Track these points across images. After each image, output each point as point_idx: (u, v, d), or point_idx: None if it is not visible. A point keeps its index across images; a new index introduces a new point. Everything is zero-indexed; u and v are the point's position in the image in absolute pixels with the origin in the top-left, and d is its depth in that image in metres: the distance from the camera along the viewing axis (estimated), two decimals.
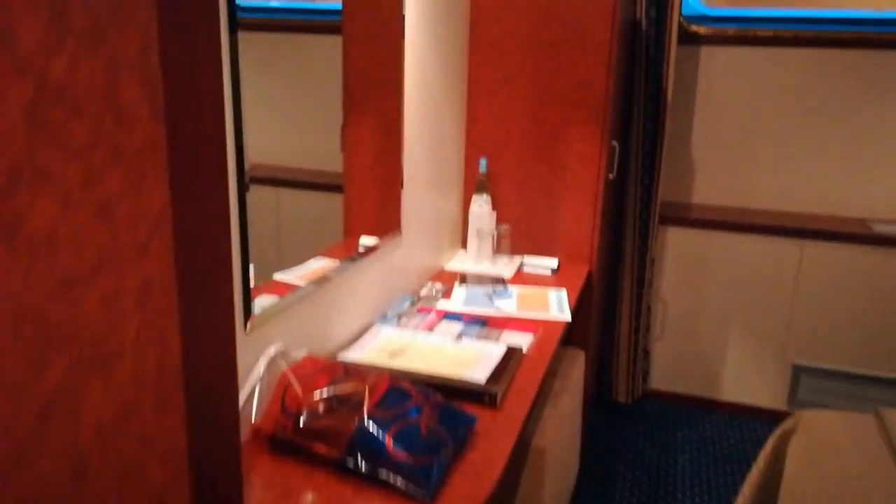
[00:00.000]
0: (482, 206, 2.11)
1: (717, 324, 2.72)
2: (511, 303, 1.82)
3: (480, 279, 1.97)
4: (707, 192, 2.85)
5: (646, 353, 2.75)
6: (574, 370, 2.00)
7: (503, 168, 2.18)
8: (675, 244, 2.70)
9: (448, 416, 1.14)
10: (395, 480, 1.02)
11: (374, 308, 1.68)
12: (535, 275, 2.09)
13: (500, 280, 1.97)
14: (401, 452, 1.02)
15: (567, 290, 1.94)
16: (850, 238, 2.51)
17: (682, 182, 2.86)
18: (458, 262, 2.16)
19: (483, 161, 2.13)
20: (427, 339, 1.52)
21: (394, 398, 1.12)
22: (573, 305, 1.88)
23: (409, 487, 1.01)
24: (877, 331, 2.55)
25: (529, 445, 1.58)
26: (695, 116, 2.79)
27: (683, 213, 2.72)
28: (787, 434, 1.78)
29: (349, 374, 1.18)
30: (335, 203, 1.50)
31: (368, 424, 1.05)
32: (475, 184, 2.15)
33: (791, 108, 2.70)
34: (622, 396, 2.73)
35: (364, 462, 1.04)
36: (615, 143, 2.16)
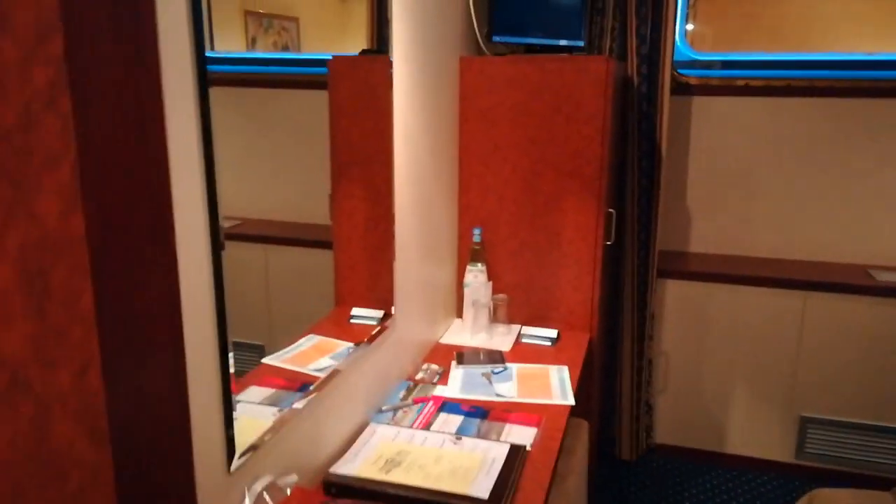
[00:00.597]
0: (477, 276, 2.05)
1: (721, 375, 2.66)
2: (511, 386, 1.75)
3: (478, 356, 1.91)
4: (705, 241, 2.80)
5: (649, 408, 2.69)
6: (578, 446, 1.94)
7: (498, 237, 2.12)
8: (675, 296, 2.64)
9: None
10: None
11: (368, 401, 1.61)
12: (535, 346, 2.02)
13: (499, 356, 1.90)
14: None
15: (569, 367, 1.88)
16: (853, 289, 2.46)
17: (679, 231, 2.81)
18: (454, 335, 2.10)
19: (477, 231, 2.07)
20: (425, 441, 1.45)
21: None
22: (576, 381, 1.82)
23: None
24: (883, 381, 2.49)
25: None
26: (690, 165, 2.74)
27: (681, 264, 2.66)
28: None
29: None
30: (327, 260, 1.44)
31: None
32: (469, 253, 2.09)
33: (786, 156, 2.66)
34: (626, 454, 2.66)
35: None
36: (611, 211, 2.10)
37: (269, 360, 1.32)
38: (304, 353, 1.44)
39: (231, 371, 1.08)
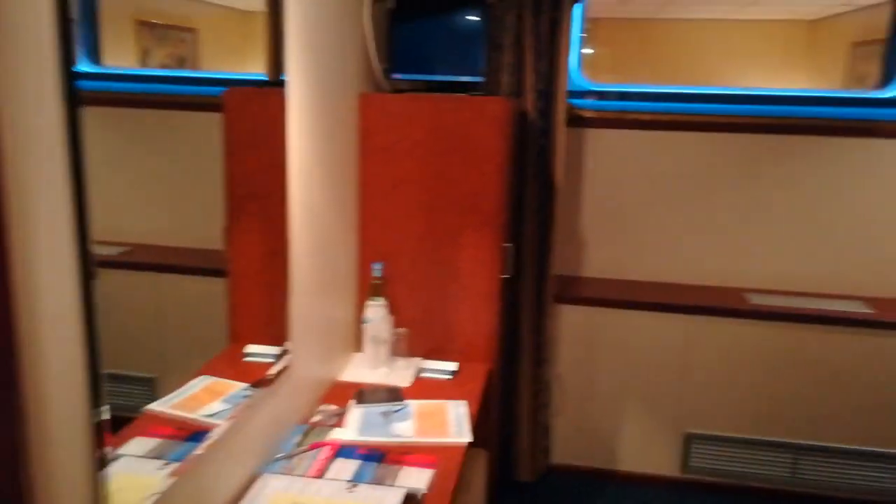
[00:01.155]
0: (377, 311, 2.05)
1: (613, 395, 2.78)
2: (409, 426, 1.76)
3: (377, 394, 1.90)
4: (598, 266, 2.92)
5: (546, 430, 2.77)
6: (476, 478, 1.97)
7: (399, 271, 2.13)
8: (570, 321, 2.74)
9: None
10: None
11: (263, 449, 1.57)
12: (435, 380, 2.05)
13: (398, 394, 1.91)
14: None
15: (468, 401, 1.91)
16: (730, 312, 2.64)
17: (574, 257, 2.92)
18: (355, 371, 2.08)
19: (377, 265, 2.07)
20: (319, 492, 1.44)
21: None
22: (474, 415, 1.85)
23: None
24: (760, 397, 2.69)
25: None
26: (584, 195, 2.86)
27: (576, 289, 2.77)
28: None
29: None
30: (223, 289, 1.41)
31: None
32: (370, 288, 2.08)
33: (671, 187, 2.82)
34: (526, 476, 2.73)
35: None
36: (509, 245, 2.16)
37: (156, 406, 1.26)
38: (195, 397, 1.39)
39: (105, 419, 0.99)
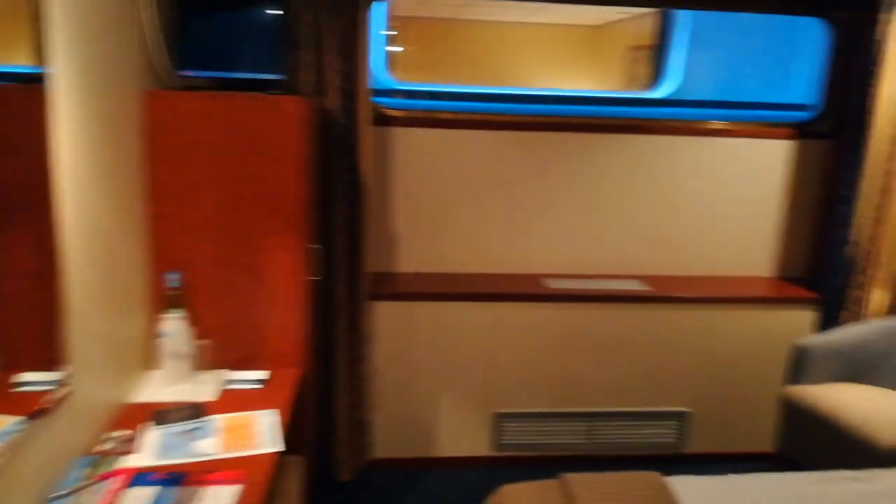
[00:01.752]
0: (175, 324, 1.92)
1: (429, 385, 2.88)
2: (213, 442, 1.68)
3: (177, 412, 1.79)
4: (412, 262, 3.00)
5: (366, 426, 2.80)
6: (290, 485, 1.94)
7: (198, 279, 2.02)
8: (386, 317, 2.78)
9: None
10: None
11: (37, 490, 1.41)
12: (243, 391, 1.97)
13: (200, 410, 1.81)
14: None
15: (280, 409, 1.86)
16: (530, 297, 2.85)
17: (389, 254, 2.97)
18: (151, 390, 1.94)
19: (174, 275, 1.94)
20: None
21: None
22: (286, 422, 1.81)
23: None
24: (560, 374, 2.94)
25: None
26: (395, 191, 2.91)
27: (391, 285, 2.82)
28: None
29: None
30: None
31: None
32: (165, 300, 1.95)
33: (476, 182, 2.97)
34: (346, 475, 2.74)
35: None
36: (317, 246, 2.14)
37: None
38: None
39: None
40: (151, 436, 1.68)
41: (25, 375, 1.43)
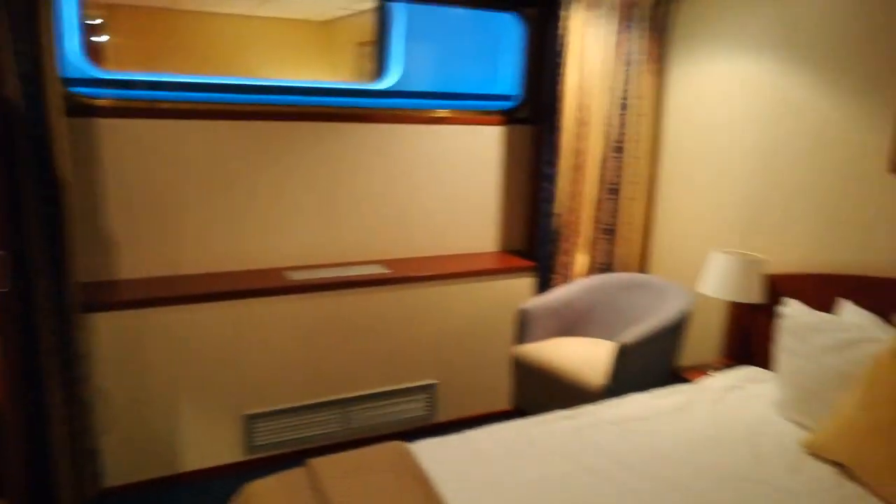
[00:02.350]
0: None
1: (168, 397, 2.65)
2: None
3: None
4: (140, 266, 2.73)
5: (93, 454, 2.49)
6: None
7: None
8: (109, 329, 2.50)
9: None
10: None
11: None
12: None
13: None
14: None
15: None
16: (273, 291, 2.77)
17: (107, 260, 2.67)
18: None
19: None
20: None
21: None
22: None
23: None
24: (310, 364, 2.91)
25: None
26: (108, 189, 2.62)
27: (110, 294, 2.54)
28: None
29: None
30: None
31: None
32: None
33: (206, 176, 2.80)
34: None
35: None
36: (1, 253, 1.83)
37: None
38: None
39: None
40: None
41: None
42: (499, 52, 3.55)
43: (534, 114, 3.39)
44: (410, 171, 3.21)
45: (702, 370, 2.72)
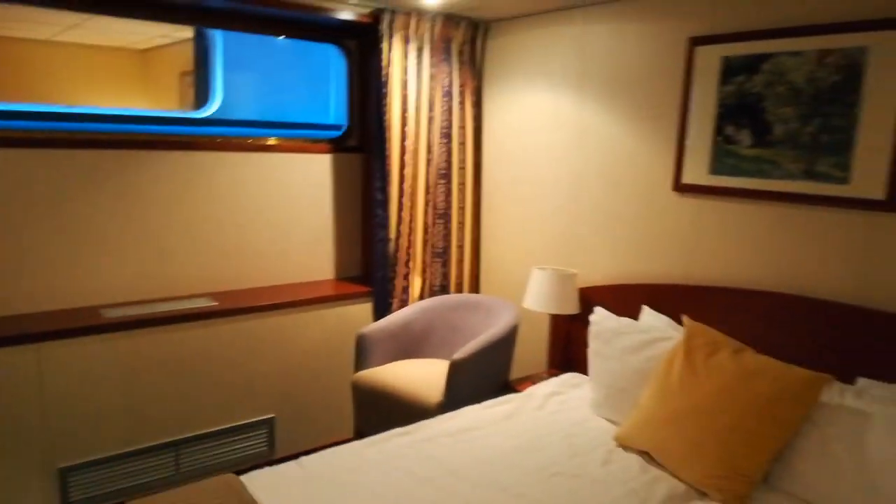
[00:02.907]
0: None
1: None
2: None
3: None
4: None
5: None
6: None
7: None
8: None
9: None
10: None
11: None
12: None
13: None
14: None
15: None
16: (82, 331, 2.55)
17: None
18: None
19: None
20: None
21: None
22: None
23: None
24: (133, 407, 2.70)
25: None
26: None
27: None
28: None
29: None
30: None
31: None
32: None
33: (9, 209, 2.55)
34: None
35: None
36: None
37: None
38: None
39: None
40: None
41: None
42: (328, 82, 3.61)
43: (363, 142, 3.47)
44: (239, 200, 3.14)
45: (530, 380, 2.90)
